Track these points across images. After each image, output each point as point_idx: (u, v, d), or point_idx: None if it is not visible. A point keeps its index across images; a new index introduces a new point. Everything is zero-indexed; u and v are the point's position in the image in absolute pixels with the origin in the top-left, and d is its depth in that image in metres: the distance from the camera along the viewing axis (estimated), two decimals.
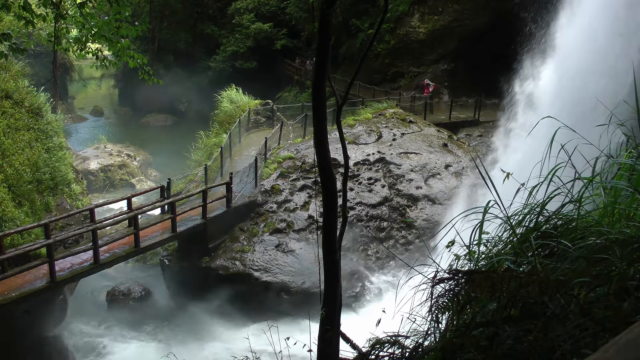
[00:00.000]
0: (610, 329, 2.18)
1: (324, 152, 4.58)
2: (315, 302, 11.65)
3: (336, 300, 4.60)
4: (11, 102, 16.78)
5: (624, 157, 3.80)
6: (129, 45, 7.97)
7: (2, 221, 13.53)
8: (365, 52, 4.94)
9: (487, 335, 2.52)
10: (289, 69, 39.44)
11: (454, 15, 30.04)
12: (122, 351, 14.89)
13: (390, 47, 31.81)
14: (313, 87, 4.60)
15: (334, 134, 16.98)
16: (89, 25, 7.57)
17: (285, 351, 4.64)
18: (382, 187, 18.95)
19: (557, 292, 2.44)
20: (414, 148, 20.86)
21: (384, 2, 4.79)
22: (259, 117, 25.91)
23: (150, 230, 14.59)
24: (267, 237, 16.68)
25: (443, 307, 3.05)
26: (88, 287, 16.38)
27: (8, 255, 11.50)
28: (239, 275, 15.60)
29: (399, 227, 18.19)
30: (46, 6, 7.20)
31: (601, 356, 1.57)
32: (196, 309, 15.76)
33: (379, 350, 3.32)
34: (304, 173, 18.80)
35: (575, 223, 3.20)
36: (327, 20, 4.28)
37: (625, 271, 2.48)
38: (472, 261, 3.53)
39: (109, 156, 29.02)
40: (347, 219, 5.25)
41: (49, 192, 16.11)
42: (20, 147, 15.75)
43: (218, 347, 14.73)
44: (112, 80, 48.21)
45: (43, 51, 41.10)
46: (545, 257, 3.07)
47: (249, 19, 41.47)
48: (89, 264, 12.73)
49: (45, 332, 13.55)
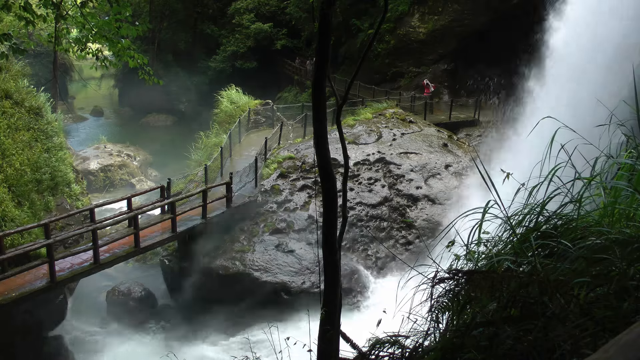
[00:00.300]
0: (610, 329, 2.18)
1: (324, 152, 4.58)
2: (315, 302, 11.65)
3: (336, 300, 4.60)
4: (11, 102, 16.78)
5: (624, 157, 3.80)
6: (129, 45, 7.97)
7: (2, 221, 13.53)
8: (365, 52, 4.94)
9: (487, 335, 2.52)
10: (289, 69, 39.43)
11: (454, 15, 30.04)
12: (122, 351, 14.88)
13: (390, 47, 31.81)
14: (313, 87, 4.60)
15: (334, 134, 16.98)
16: (90, 25, 7.57)
17: (285, 351, 4.64)
18: (382, 187, 18.95)
19: (557, 292, 2.44)
20: (414, 148, 20.86)
21: (384, 2, 4.79)
22: (259, 117, 25.91)
23: (150, 230, 14.59)
24: (267, 237, 16.68)
25: (443, 307, 3.05)
26: (88, 287, 16.38)
27: (8, 255, 11.50)
28: (239, 275, 15.59)
29: (399, 227, 18.19)
30: (47, 7, 7.20)
31: (601, 356, 1.57)
32: (196, 309, 15.76)
33: (379, 350, 3.33)
34: (304, 173, 18.80)
35: (575, 223, 3.20)
36: (327, 20, 4.29)
37: (625, 271, 2.48)
38: (472, 261, 3.53)
39: (109, 156, 29.03)
40: (347, 219, 5.26)
41: (49, 192, 16.10)
42: (20, 147, 15.74)
43: (218, 347, 14.73)
44: (112, 80, 48.20)
45: (43, 51, 41.09)
46: (545, 257, 3.07)
47: (249, 19, 41.47)
48: (89, 264, 12.73)
49: (45, 332, 13.57)
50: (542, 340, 2.28)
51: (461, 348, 2.58)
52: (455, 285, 2.94)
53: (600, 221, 3.21)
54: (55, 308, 14.02)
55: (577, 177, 3.54)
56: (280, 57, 40.76)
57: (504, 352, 2.39)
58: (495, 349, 2.43)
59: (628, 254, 2.58)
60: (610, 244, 2.72)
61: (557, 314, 2.36)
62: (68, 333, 15.14)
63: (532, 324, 2.40)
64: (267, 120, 25.84)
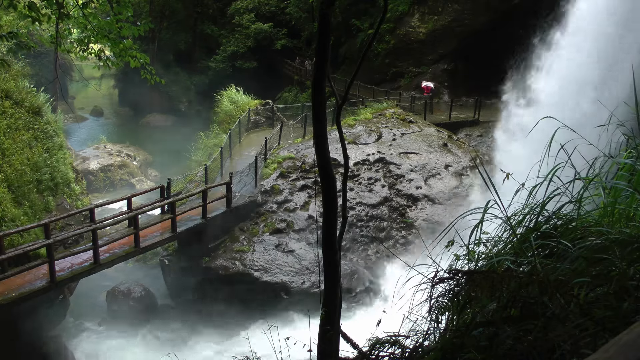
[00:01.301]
0: (610, 329, 2.18)
1: (324, 152, 4.58)
2: (315, 302, 11.66)
3: (336, 300, 4.60)
4: (11, 102, 16.77)
5: (624, 157, 3.80)
6: (131, 45, 7.99)
7: (2, 221, 13.52)
8: (365, 52, 4.94)
9: (487, 335, 2.52)
10: (289, 69, 39.44)
11: (454, 15, 30.05)
12: (121, 351, 14.89)
13: (390, 47, 31.82)
14: (313, 87, 4.60)
15: (334, 134, 16.98)
16: (91, 25, 7.58)
17: (285, 351, 4.63)
18: (382, 187, 18.95)
19: (557, 292, 2.44)
20: (414, 148, 20.87)
21: (383, 2, 4.79)
22: (259, 117, 25.90)
23: (150, 230, 14.59)
24: (267, 237, 16.68)
25: (443, 307, 3.05)
26: (88, 287, 16.38)
27: (8, 255, 11.49)
28: (238, 275, 15.60)
29: (399, 227, 18.19)
30: (50, 7, 7.23)
31: (601, 356, 1.57)
32: (196, 309, 15.77)
33: (379, 350, 3.32)
34: (304, 173, 18.80)
35: (575, 223, 3.20)
36: (327, 20, 4.29)
37: (625, 271, 2.48)
38: (472, 261, 3.53)
39: (109, 156, 29.03)
40: (347, 219, 5.26)
41: (49, 192, 16.09)
42: (20, 147, 15.73)
43: (218, 347, 14.74)
44: (112, 80, 48.21)
45: (43, 51, 41.02)
46: (545, 257, 3.07)
47: (249, 19, 41.47)
48: (89, 264, 12.73)
49: (45, 332, 13.55)
50: (542, 340, 2.28)
51: (461, 348, 2.58)
52: (455, 285, 2.94)
53: (600, 221, 3.21)
54: (55, 308, 14.01)
55: (576, 177, 3.54)
56: (280, 57, 40.76)
57: (504, 352, 2.39)
58: (495, 349, 2.43)
59: (628, 254, 2.58)
60: (610, 244, 2.72)
61: (557, 314, 2.36)
62: (68, 333, 15.15)
63: (532, 324, 2.40)
64: (267, 120, 25.84)
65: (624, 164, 3.71)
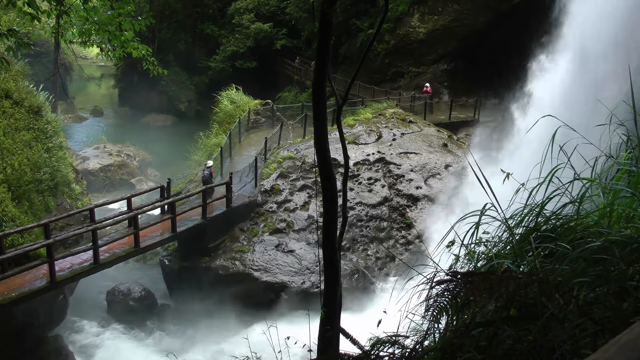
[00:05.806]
0: (610, 329, 2.18)
1: (324, 152, 4.59)
2: (315, 302, 11.65)
3: (336, 300, 4.61)
4: (11, 102, 16.75)
5: (624, 157, 3.80)
6: (133, 37, 8.02)
7: (2, 221, 13.50)
8: (365, 52, 4.94)
9: (486, 335, 2.53)
10: (289, 69, 39.42)
11: (454, 15, 30.03)
12: (121, 351, 14.88)
13: (390, 47, 31.80)
14: (313, 87, 4.60)
15: (334, 134, 16.98)
16: (92, 19, 7.62)
17: (285, 351, 4.64)
18: (382, 187, 18.95)
19: (556, 292, 2.44)
20: (414, 148, 20.86)
21: (384, 2, 4.80)
22: (258, 117, 25.90)
23: (150, 230, 14.59)
24: (267, 237, 16.68)
25: (442, 307, 3.05)
26: (88, 287, 16.38)
27: (8, 255, 11.50)
28: (238, 275, 15.59)
29: (399, 227, 18.19)
30: (50, 3, 7.27)
31: (601, 356, 1.57)
32: (196, 309, 15.75)
33: (379, 350, 3.33)
34: (304, 173, 18.80)
35: (574, 223, 3.21)
36: (327, 20, 4.29)
37: (625, 271, 2.48)
38: (471, 262, 3.53)
39: (108, 156, 29.01)
40: (347, 219, 5.26)
41: (49, 192, 16.07)
42: (20, 147, 15.72)
43: (218, 347, 14.72)
44: (112, 80, 48.17)
45: (43, 51, 41.05)
46: (545, 258, 3.07)
47: (248, 19, 41.44)
48: (89, 264, 12.73)
49: (45, 332, 13.56)
50: (541, 341, 2.28)
51: (461, 348, 2.58)
52: (455, 286, 2.95)
53: (600, 222, 3.21)
54: (55, 308, 14.02)
55: (576, 177, 3.54)
56: (280, 57, 40.73)
57: (504, 352, 2.39)
58: (494, 349, 2.43)
59: (627, 255, 2.58)
60: (610, 245, 2.72)
61: (557, 315, 2.36)
62: (68, 333, 15.15)
63: (531, 324, 2.40)
64: (267, 120, 25.83)
65: (623, 163, 3.72)
